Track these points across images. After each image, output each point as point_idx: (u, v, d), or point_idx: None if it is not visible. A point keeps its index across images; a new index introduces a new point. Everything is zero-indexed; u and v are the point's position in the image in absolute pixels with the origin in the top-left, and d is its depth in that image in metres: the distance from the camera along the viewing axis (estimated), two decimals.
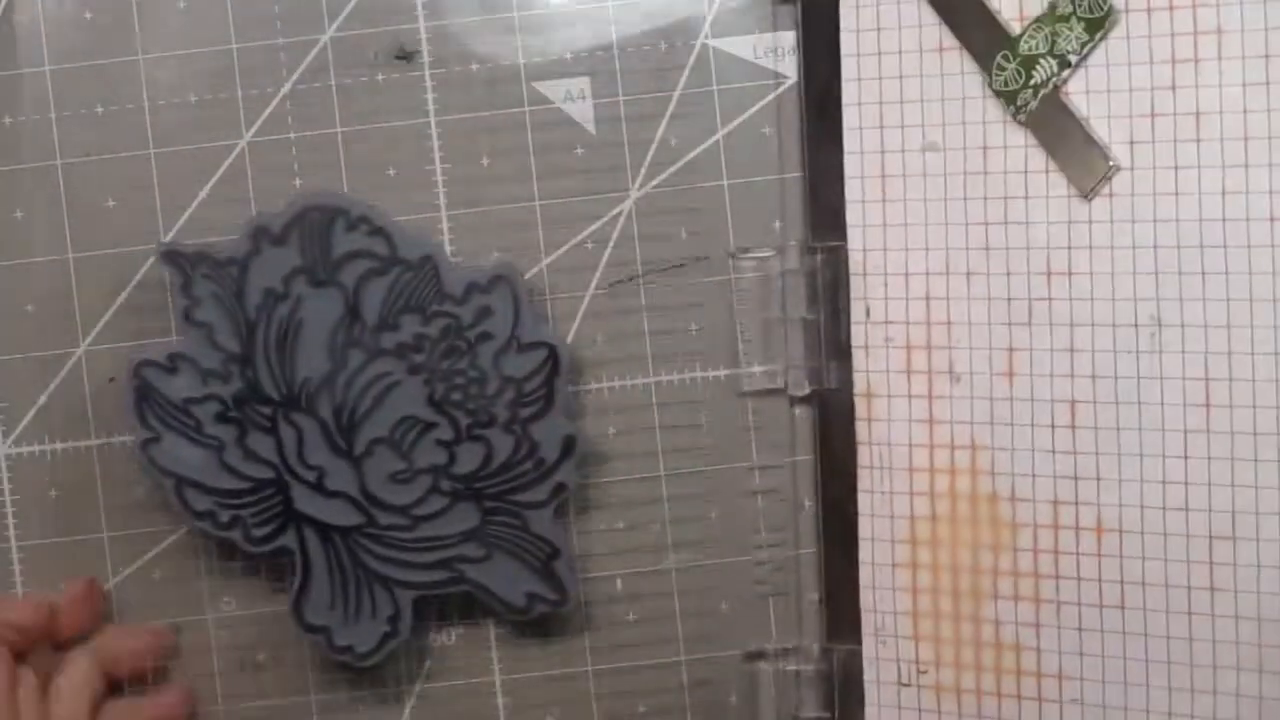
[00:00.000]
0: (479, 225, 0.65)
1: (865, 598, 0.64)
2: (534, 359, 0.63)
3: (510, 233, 0.65)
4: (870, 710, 0.64)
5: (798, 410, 0.66)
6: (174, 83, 0.65)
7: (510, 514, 0.64)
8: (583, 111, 0.65)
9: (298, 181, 0.65)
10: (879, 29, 0.62)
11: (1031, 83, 0.60)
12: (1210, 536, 0.58)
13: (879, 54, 0.63)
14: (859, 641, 0.64)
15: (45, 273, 0.65)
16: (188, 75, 0.65)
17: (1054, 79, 0.60)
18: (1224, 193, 0.58)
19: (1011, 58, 0.60)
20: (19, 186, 0.65)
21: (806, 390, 0.65)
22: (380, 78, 0.65)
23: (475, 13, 0.65)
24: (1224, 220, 0.58)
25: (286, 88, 0.65)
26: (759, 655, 0.66)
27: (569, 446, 0.63)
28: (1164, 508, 0.59)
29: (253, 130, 0.65)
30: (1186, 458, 0.59)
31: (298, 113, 0.65)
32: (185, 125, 0.65)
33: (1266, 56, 0.57)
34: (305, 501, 0.64)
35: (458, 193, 0.65)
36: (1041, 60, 0.60)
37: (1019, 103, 0.60)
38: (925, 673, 0.64)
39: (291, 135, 0.65)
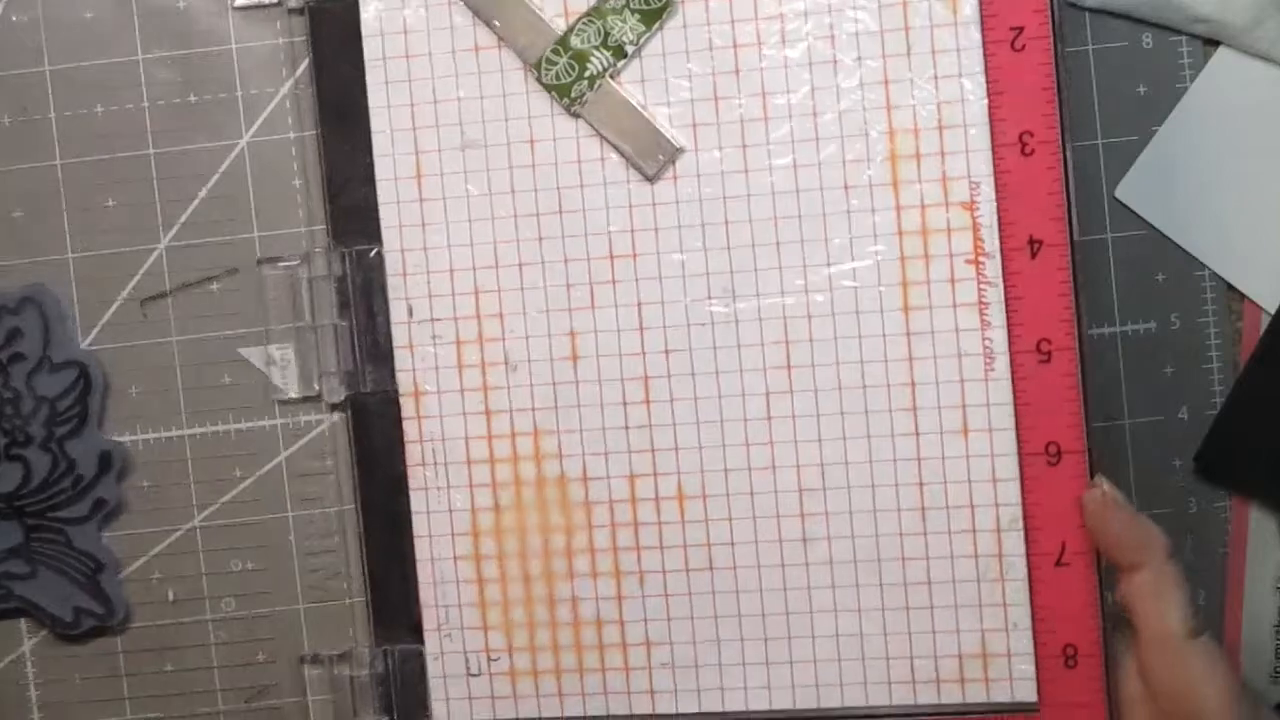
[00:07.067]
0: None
1: (426, 594, 0.66)
2: (66, 378, 0.69)
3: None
4: (438, 706, 0.66)
5: (335, 416, 0.69)
6: (174, 83, 0.69)
7: (53, 530, 0.69)
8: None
9: (298, 182, 0.69)
10: (406, 32, 0.66)
11: (586, 75, 0.65)
12: (800, 490, 0.64)
13: (407, 57, 0.66)
14: (417, 640, 0.66)
15: (45, 272, 0.70)
16: (187, 76, 0.69)
17: (609, 70, 0.65)
18: (796, 166, 0.64)
19: (562, 52, 0.65)
20: (19, 186, 0.70)
21: (342, 396, 0.68)
22: None
23: None
24: (798, 191, 0.64)
25: (286, 88, 0.69)
26: (313, 660, 0.68)
27: (106, 462, 0.69)
28: (749, 469, 0.64)
29: (252, 130, 0.69)
30: (770, 418, 0.64)
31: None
32: (185, 125, 0.69)
33: (832, 36, 0.64)
34: None
35: None
36: (595, 53, 0.65)
37: (573, 95, 0.65)
38: (497, 660, 0.65)
39: (290, 135, 0.69)
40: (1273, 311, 0.67)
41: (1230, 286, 0.67)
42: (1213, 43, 0.67)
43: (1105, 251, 0.67)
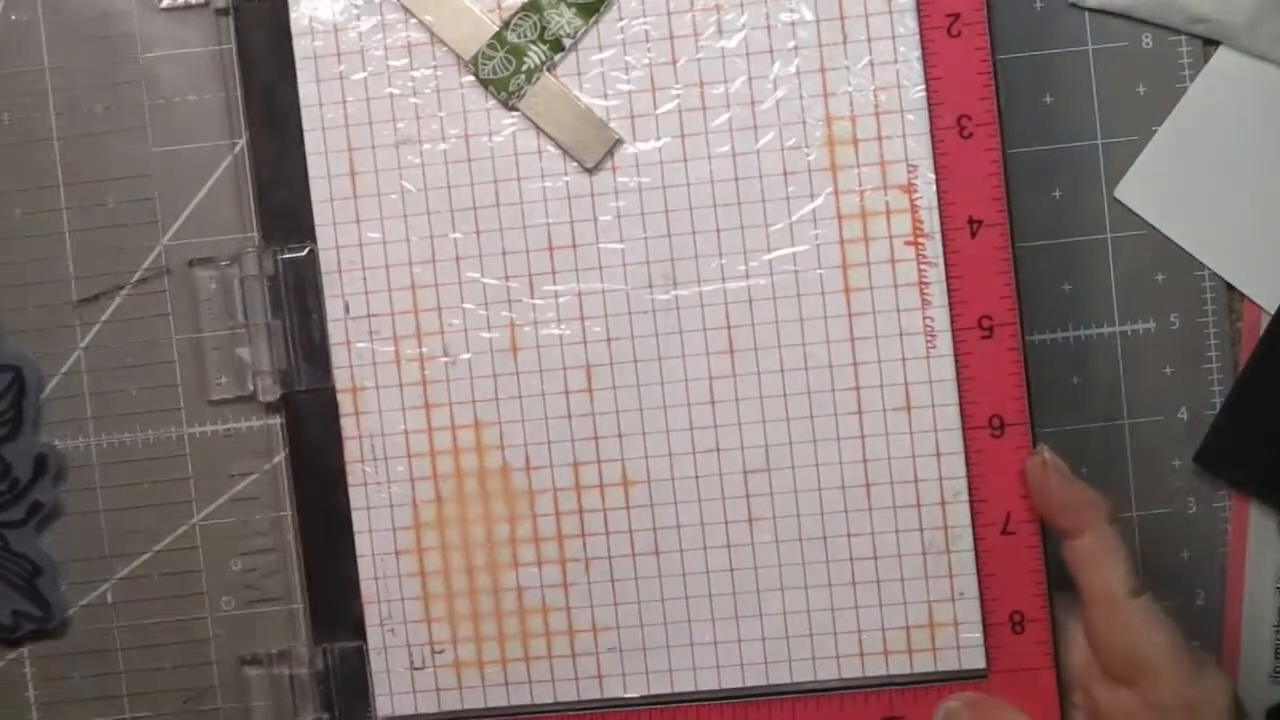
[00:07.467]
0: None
1: (368, 590, 0.66)
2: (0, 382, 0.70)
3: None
4: (381, 700, 0.66)
5: (271, 416, 0.70)
6: (174, 82, 0.70)
7: None
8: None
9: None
10: (335, 30, 0.67)
11: (524, 69, 0.66)
12: (745, 472, 0.65)
13: (339, 54, 0.67)
14: (358, 637, 0.66)
15: (45, 272, 0.71)
16: (187, 76, 0.70)
17: (547, 64, 0.66)
18: (734, 154, 0.65)
19: (499, 47, 0.66)
20: (19, 185, 0.71)
21: (277, 395, 0.68)
22: None
23: None
24: (737, 179, 0.65)
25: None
26: (253, 661, 0.69)
27: (42, 465, 0.70)
28: (694, 452, 0.65)
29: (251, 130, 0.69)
30: (714, 402, 0.65)
31: None
32: (185, 125, 0.70)
33: (768, 26, 0.65)
34: None
35: None
36: (532, 47, 0.66)
37: (511, 89, 0.66)
38: (442, 652, 0.65)
39: None
40: (1273, 311, 0.69)
41: (1230, 286, 0.69)
42: (1213, 43, 0.69)
43: (1105, 251, 0.69)
